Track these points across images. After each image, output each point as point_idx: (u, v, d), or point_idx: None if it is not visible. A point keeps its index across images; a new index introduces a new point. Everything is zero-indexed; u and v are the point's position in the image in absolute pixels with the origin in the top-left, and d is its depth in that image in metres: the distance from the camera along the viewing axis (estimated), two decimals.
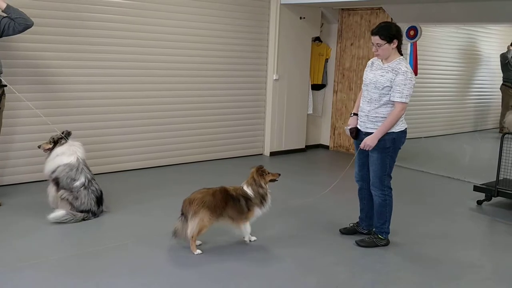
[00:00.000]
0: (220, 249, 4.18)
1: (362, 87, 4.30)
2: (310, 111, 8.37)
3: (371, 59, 4.32)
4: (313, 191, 5.73)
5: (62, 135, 4.84)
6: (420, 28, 7.15)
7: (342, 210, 5.27)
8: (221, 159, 7.46)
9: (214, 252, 4.10)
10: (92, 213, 4.70)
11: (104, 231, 4.54)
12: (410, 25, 7.18)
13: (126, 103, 6.41)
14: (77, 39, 5.88)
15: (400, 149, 4.25)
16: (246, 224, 4.18)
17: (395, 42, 4.04)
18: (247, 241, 4.26)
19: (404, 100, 4.00)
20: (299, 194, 5.81)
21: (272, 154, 7.94)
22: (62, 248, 4.09)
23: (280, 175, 4.29)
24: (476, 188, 5.76)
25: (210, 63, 7.09)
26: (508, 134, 5.69)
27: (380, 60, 4.17)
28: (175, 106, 6.85)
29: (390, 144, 4.13)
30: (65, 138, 4.84)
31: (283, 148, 8.07)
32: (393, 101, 4.03)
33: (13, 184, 5.67)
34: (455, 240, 4.66)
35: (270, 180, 4.23)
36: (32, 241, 4.18)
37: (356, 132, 4.31)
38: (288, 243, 4.39)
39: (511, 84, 10.50)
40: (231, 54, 7.29)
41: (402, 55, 4.16)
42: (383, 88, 4.05)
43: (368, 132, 4.18)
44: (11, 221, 4.60)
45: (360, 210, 4.57)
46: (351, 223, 4.67)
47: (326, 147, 8.79)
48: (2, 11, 4.70)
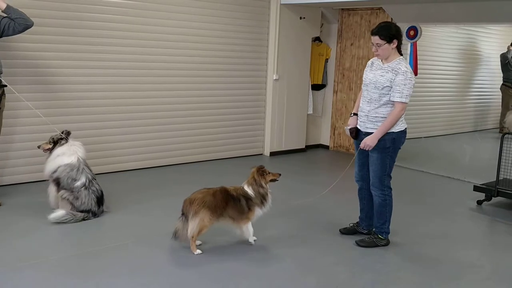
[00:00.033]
0: (220, 249, 4.18)
1: (362, 87, 4.30)
2: (310, 111, 8.37)
3: (371, 59, 4.32)
4: (313, 191, 5.73)
5: (62, 135, 4.84)
6: (420, 28, 7.15)
7: (342, 210, 5.27)
8: (221, 159, 7.46)
9: (214, 252, 4.10)
10: (92, 213, 4.70)
11: (104, 231, 4.54)
12: (410, 25, 7.18)
13: (126, 103, 6.42)
14: (77, 39, 5.88)
15: (400, 149, 4.25)
16: (248, 225, 4.18)
17: (395, 42, 4.05)
18: (252, 242, 4.24)
19: (404, 100, 4.00)
20: (299, 194, 5.81)
21: (272, 154, 7.94)
22: (62, 248, 4.10)
23: (280, 175, 4.29)
24: (476, 188, 5.76)
25: (210, 63, 7.09)
26: (508, 134, 5.69)
27: (380, 60, 4.17)
28: (175, 106, 6.85)
29: (390, 144, 4.13)
30: (65, 138, 4.83)
31: (283, 148, 8.07)
32: (393, 101, 4.04)
33: (13, 184, 5.67)
34: (455, 240, 4.67)
35: (271, 180, 4.23)
36: (32, 241, 4.18)
37: (356, 132, 4.32)
38: (288, 243, 4.39)
39: (511, 84, 10.50)
40: (231, 54, 7.30)
41: (402, 55, 4.16)
42: (383, 88, 4.05)
43: (368, 132, 4.19)
44: (11, 221, 4.61)
45: (360, 210, 4.58)
46: (351, 223, 4.67)
47: (326, 147, 8.79)
48: (2, 11, 4.70)
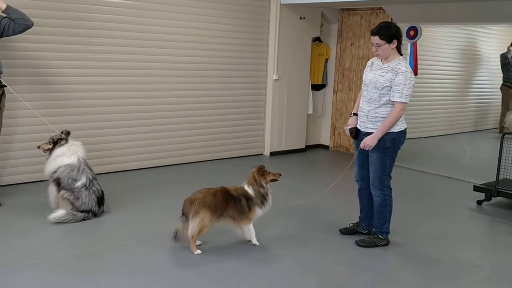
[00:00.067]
0: (220, 249, 4.18)
1: (362, 87, 4.30)
2: (310, 111, 8.37)
3: (371, 59, 4.32)
4: (313, 191, 5.73)
5: (62, 135, 4.84)
6: (420, 28, 7.15)
7: (342, 210, 5.27)
8: (221, 159, 7.46)
9: (214, 252, 4.10)
10: (92, 213, 4.70)
11: (104, 231, 4.54)
12: (410, 25, 7.18)
13: (126, 103, 6.42)
14: (77, 39, 5.88)
15: (400, 149, 4.25)
16: (250, 226, 4.18)
17: (395, 42, 4.05)
18: (255, 243, 4.22)
19: (403, 100, 4.00)
20: (299, 194, 5.81)
21: (272, 154, 7.94)
22: (62, 248, 4.10)
23: (281, 175, 4.28)
24: (476, 188, 5.76)
25: (210, 63, 7.09)
26: (508, 134, 5.69)
27: (379, 60, 4.17)
28: (175, 106, 6.85)
29: (390, 144, 4.13)
30: (65, 138, 4.83)
31: (283, 148, 8.07)
32: (392, 101, 4.04)
33: (13, 184, 5.67)
34: (455, 240, 4.67)
35: (271, 180, 4.23)
36: (32, 241, 4.18)
37: (356, 132, 4.32)
38: (288, 243, 4.39)
39: (511, 84, 10.50)
40: (231, 54, 7.29)
41: (401, 55, 4.16)
42: (383, 88, 4.05)
43: (367, 132, 4.19)
44: (11, 221, 4.61)
45: (360, 210, 4.58)
46: (351, 223, 4.67)
47: (326, 147, 8.79)
48: (2, 11, 4.70)
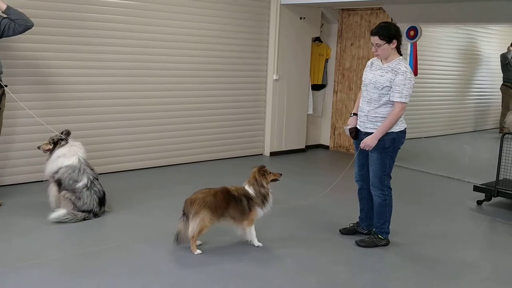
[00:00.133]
0: (220, 249, 4.18)
1: (362, 87, 4.30)
2: (310, 111, 8.37)
3: (371, 59, 4.32)
4: (313, 191, 5.74)
5: (62, 135, 4.84)
6: (420, 28, 7.15)
7: (342, 210, 5.27)
8: (221, 159, 7.46)
9: (214, 252, 4.10)
10: (93, 213, 4.70)
11: (105, 231, 4.54)
12: (410, 25, 7.18)
13: (126, 103, 6.42)
14: (77, 39, 5.88)
15: (399, 149, 4.25)
16: (251, 228, 4.18)
17: (395, 42, 4.05)
18: (257, 244, 4.21)
19: (403, 100, 4.00)
20: (299, 194, 5.81)
21: (272, 154, 7.94)
22: (62, 248, 4.10)
23: (281, 175, 4.28)
24: (476, 188, 5.76)
25: (211, 63, 7.09)
26: (508, 134, 5.69)
27: (379, 60, 4.17)
28: (175, 106, 6.86)
29: (389, 144, 4.13)
30: (65, 138, 4.83)
31: (283, 148, 8.07)
32: (392, 101, 4.04)
33: (13, 184, 5.67)
34: (455, 240, 4.67)
35: (272, 180, 4.22)
36: (32, 241, 4.18)
37: (356, 132, 4.32)
38: (288, 243, 4.39)
39: (511, 84, 10.50)
40: (231, 54, 7.30)
41: (401, 55, 4.16)
42: (383, 88, 4.05)
43: (367, 132, 4.19)
44: (11, 221, 4.61)
45: (360, 210, 4.58)
46: (351, 223, 4.67)
47: (326, 147, 8.79)
48: (3, 12, 4.70)
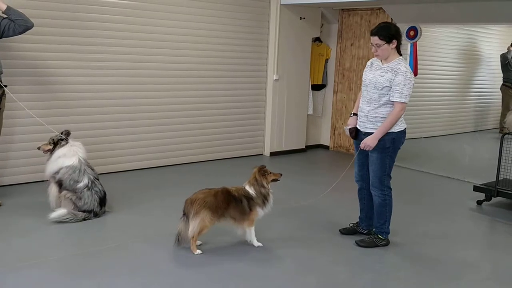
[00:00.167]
0: (221, 249, 4.18)
1: (362, 87, 4.30)
2: (310, 111, 8.37)
3: (371, 60, 4.33)
4: (313, 191, 5.74)
5: (62, 135, 4.84)
6: (420, 28, 7.15)
7: (342, 210, 5.27)
8: (221, 159, 7.46)
9: (214, 252, 4.10)
10: (93, 213, 4.70)
11: (105, 231, 4.54)
12: (410, 25, 7.18)
13: (127, 104, 6.42)
14: (77, 39, 5.88)
15: (399, 149, 4.25)
16: (251, 229, 4.18)
17: (394, 43, 4.05)
18: (257, 245, 4.21)
19: (403, 100, 4.00)
20: (299, 194, 5.81)
21: (272, 154, 7.94)
22: (62, 248, 4.10)
23: (282, 175, 4.28)
24: (476, 188, 5.76)
25: (211, 63, 7.09)
26: (508, 134, 5.69)
27: (379, 60, 4.17)
28: (175, 107, 6.86)
29: (389, 144, 4.13)
30: (65, 138, 4.82)
31: (283, 148, 8.07)
32: (392, 101, 4.04)
33: (13, 184, 5.67)
34: (455, 240, 4.67)
35: (272, 180, 4.22)
36: (32, 241, 4.19)
37: (356, 132, 4.32)
38: (288, 243, 4.39)
39: (511, 84, 10.50)
40: (231, 55, 7.30)
41: (401, 55, 4.16)
42: (383, 88, 4.05)
43: (367, 132, 4.19)
44: (11, 221, 4.61)
45: (360, 210, 4.58)
46: (351, 223, 4.67)
47: (326, 147, 8.79)
48: (3, 12, 4.70)
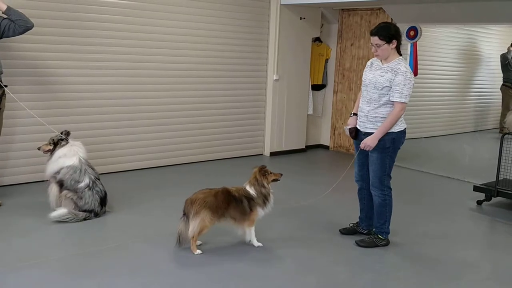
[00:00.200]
0: (221, 249, 4.18)
1: (362, 87, 4.30)
2: (310, 112, 8.37)
3: (371, 60, 4.33)
4: (313, 191, 5.74)
5: (62, 135, 4.84)
6: (420, 28, 7.15)
7: (342, 210, 5.27)
8: (221, 159, 7.46)
9: (215, 252, 4.10)
10: (94, 213, 4.70)
11: (105, 231, 4.54)
12: (410, 25, 7.18)
13: (127, 104, 6.42)
14: (76, 39, 5.88)
15: (399, 149, 4.25)
16: (252, 229, 4.18)
17: (394, 43, 4.05)
18: (257, 245, 4.21)
19: (403, 100, 4.00)
20: (299, 194, 5.81)
21: (272, 154, 7.94)
22: (63, 247, 4.10)
23: (282, 175, 4.28)
24: (476, 188, 5.76)
25: (211, 64, 7.09)
26: (508, 134, 5.69)
27: (379, 60, 4.17)
28: (175, 107, 6.86)
29: (389, 144, 4.13)
30: (65, 138, 4.82)
31: (283, 148, 8.07)
32: (392, 101, 4.04)
33: (13, 185, 5.67)
34: (455, 240, 4.67)
35: (273, 180, 4.22)
36: (32, 241, 4.19)
37: (356, 132, 4.32)
38: (288, 243, 4.39)
39: (511, 84, 10.50)
40: (231, 55, 7.30)
41: (401, 55, 4.16)
42: (383, 88, 4.05)
43: (367, 132, 4.19)
44: (11, 221, 4.61)
45: (360, 210, 4.58)
46: (351, 223, 4.67)
47: (326, 147, 8.79)
48: (3, 12, 4.70)
